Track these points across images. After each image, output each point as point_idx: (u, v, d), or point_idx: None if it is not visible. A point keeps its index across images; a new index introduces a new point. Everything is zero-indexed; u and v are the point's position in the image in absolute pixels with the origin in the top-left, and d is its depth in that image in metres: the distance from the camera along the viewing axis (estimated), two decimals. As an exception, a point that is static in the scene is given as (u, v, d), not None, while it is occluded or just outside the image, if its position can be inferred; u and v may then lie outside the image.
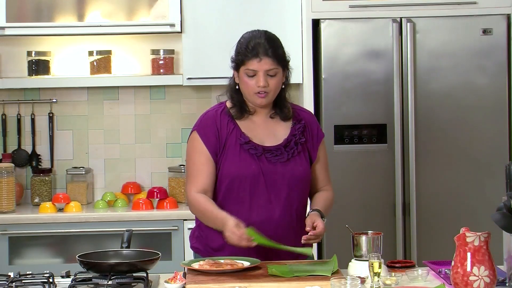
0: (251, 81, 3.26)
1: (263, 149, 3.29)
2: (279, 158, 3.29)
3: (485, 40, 4.70)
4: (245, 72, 3.26)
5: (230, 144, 3.29)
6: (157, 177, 5.26)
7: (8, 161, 5.08)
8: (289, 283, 2.89)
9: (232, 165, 3.28)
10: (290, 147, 3.32)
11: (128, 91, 5.25)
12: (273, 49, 3.25)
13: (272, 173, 3.28)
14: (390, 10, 4.70)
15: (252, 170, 3.27)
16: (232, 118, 3.33)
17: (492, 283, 2.68)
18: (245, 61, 3.25)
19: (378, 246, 3.06)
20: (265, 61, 3.23)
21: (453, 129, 4.69)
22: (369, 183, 4.68)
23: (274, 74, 3.26)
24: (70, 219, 4.75)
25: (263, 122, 3.36)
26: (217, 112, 3.37)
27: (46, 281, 2.93)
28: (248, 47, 3.26)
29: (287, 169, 3.29)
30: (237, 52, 3.30)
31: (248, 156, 3.28)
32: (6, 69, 5.20)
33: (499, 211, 2.81)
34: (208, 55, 4.93)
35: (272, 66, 3.24)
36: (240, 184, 3.27)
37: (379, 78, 4.68)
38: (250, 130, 3.33)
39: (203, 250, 3.36)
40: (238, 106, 3.33)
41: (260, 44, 3.25)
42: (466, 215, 4.66)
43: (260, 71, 3.23)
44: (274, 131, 3.35)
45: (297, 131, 3.34)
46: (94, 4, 4.97)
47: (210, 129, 3.32)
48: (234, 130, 3.31)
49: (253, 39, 3.27)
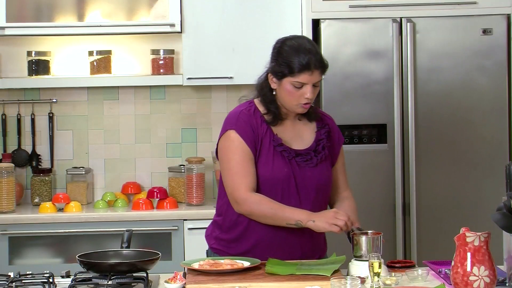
0: (297, 92, 3.20)
1: (296, 153, 3.28)
2: (309, 163, 3.28)
3: (485, 40, 4.70)
4: (291, 83, 3.20)
5: (264, 145, 3.26)
6: (157, 177, 5.26)
7: (8, 161, 5.08)
8: (289, 283, 2.89)
9: (266, 167, 3.25)
10: (318, 152, 3.31)
11: (128, 91, 5.25)
12: (321, 60, 3.21)
13: (302, 177, 3.27)
14: (390, 10, 4.70)
15: (285, 173, 3.24)
16: (264, 120, 3.28)
17: (492, 283, 2.68)
18: (296, 73, 3.17)
19: (378, 246, 3.06)
20: (315, 74, 3.19)
21: (453, 129, 4.69)
22: (369, 183, 4.68)
23: (318, 85, 3.23)
24: (70, 219, 4.75)
25: (291, 125, 3.33)
26: (249, 111, 3.29)
27: (46, 281, 2.93)
28: (300, 60, 3.17)
29: (315, 174, 3.29)
30: (285, 63, 3.19)
31: (280, 159, 3.25)
32: (6, 69, 5.20)
33: (499, 211, 2.81)
34: (208, 55, 4.93)
35: (320, 78, 3.22)
36: (273, 186, 3.25)
37: (379, 78, 4.68)
38: (280, 132, 3.30)
39: (225, 252, 3.34)
40: (273, 114, 3.28)
41: (311, 57, 3.17)
42: (466, 215, 4.66)
43: (309, 83, 3.19)
44: (301, 134, 3.33)
45: (323, 136, 3.34)
46: (94, 4, 4.97)
47: (248, 129, 3.24)
48: (267, 131, 3.27)
49: (303, 51, 3.18)
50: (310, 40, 3.30)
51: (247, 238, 3.30)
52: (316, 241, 3.34)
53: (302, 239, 3.28)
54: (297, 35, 3.34)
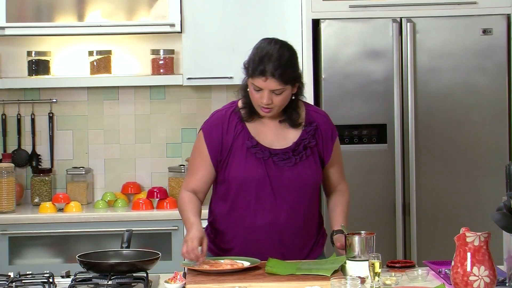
0: (256, 95, 3.20)
1: (270, 153, 3.26)
2: (287, 162, 3.27)
3: (485, 40, 4.70)
4: (251, 84, 3.21)
5: (237, 146, 3.27)
6: (157, 177, 5.26)
7: (8, 161, 5.08)
8: (289, 283, 2.89)
9: (239, 169, 3.26)
10: (298, 151, 3.28)
11: (128, 91, 5.26)
12: (281, 70, 3.15)
13: (278, 177, 3.26)
14: (390, 10, 4.70)
15: (258, 174, 3.25)
16: (241, 120, 3.30)
17: (492, 283, 2.68)
18: (253, 77, 3.18)
19: (371, 246, 3.05)
20: (270, 81, 3.15)
21: (453, 129, 4.69)
22: (369, 183, 4.68)
23: (280, 93, 3.19)
24: (70, 219, 4.76)
25: (274, 125, 3.32)
26: (226, 112, 3.32)
27: (46, 281, 2.93)
28: (257, 63, 3.16)
29: (295, 174, 3.27)
30: (248, 63, 3.22)
31: (254, 160, 3.26)
32: (6, 69, 5.20)
33: (499, 211, 2.81)
34: (208, 55, 4.93)
35: (278, 87, 3.16)
36: (246, 187, 3.26)
37: (379, 78, 4.68)
38: (259, 132, 3.30)
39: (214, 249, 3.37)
40: (248, 108, 3.29)
41: (269, 64, 3.15)
42: (466, 215, 4.66)
43: (265, 89, 3.18)
44: (284, 134, 3.31)
45: (308, 134, 3.31)
46: (94, 4, 4.97)
47: (215, 132, 3.29)
48: (242, 132, 3.28)
49: (265, 55, 3.17)
50: (283, 48, 3.21)
51: (227, 233, 3.33)
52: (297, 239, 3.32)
53: (279, 235, 3.28)
54: (279, 40, 3.25)
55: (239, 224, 3.30)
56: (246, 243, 3.29)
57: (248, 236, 3.28)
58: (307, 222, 3.31)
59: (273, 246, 3.27)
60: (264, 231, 3.24)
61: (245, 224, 3.28)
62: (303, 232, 3.28)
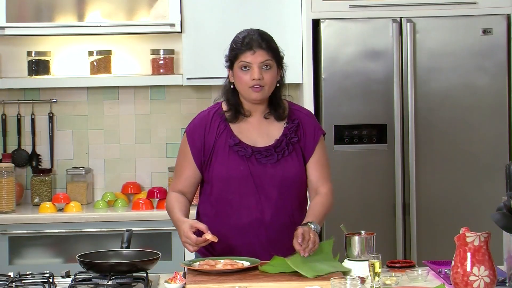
0: (245, 75, 3.25)
1: (252, 150, 3.29)
2: (269, 159, 3.29)
3: (485, 40, 4.70)
4: (239, 66, 3.26)
5: (219, 146, 3.31)
6: (157, 177, 5.26)
7: (8, 161, 5.08)
8: (289, 283, 2.89)
9: (221, 167, 3.29)
10: (280, 148, 3.30)
11: (128, 91, 5.26)
12: (267, 42, 3.26)
13: (261, 174, 3.28)
14: (390, 10, 4.70)
15: (241, 171, 3.27)
16: (224, 120, 3.33)
17: (492, 283, 2.68)
18: (239, 54, 3.25)
19: (371, 246, 3.06)
20: (259, 53, 3.23)
21: (453, 129, 4.70)
22: (369, 183, 4.68)
23: (269, 67, 3.25)
24: (70, 219, 4.76)
25: (257, 123, 3.35)
26: (209, 113, 3.38)
27: (46, 281, 2.93)
28: (242, 42, 3.27)
29: (277, 170, 3.28)
30: (231, 49, 3.31)
31: (237, 158, 3.28)
32: (6, 69, 5.20)
33: (499, 211, 2.81)
34: (208, 55, 4.93)
35: (266, 57, 3.24)
36: (229, 185, 3.28)
37: (379, 78, 4.68)
38: (243, 131, 3.32)
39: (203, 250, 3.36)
40: (234, 110, 3.33)
41: (253, 38, 3.26)
42: (466, 215, 4.66)
43: (254, 63, 3.23)
44: (267, 132, 3.34)
45: (289, 131, 3.33)
46: (94, 4, 4.97)
47: (197, 133, 3.35)
48: (224, 132, 3.32)
49: (247, 36, 3.29)
50: (261, 30, 3.33)
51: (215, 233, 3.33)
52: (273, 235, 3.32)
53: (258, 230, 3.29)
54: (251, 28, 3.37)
55: (225, 223, 3.30)
56: (234, 242, 3.28)
57: (235, 235, 3.28)
58: (295, 219, 3.30)
59: (260, 245, 3.27)
60: (250, 229, 3.25)
61: (231, 222, 3.29)
62: (290, 230, 3.26)
